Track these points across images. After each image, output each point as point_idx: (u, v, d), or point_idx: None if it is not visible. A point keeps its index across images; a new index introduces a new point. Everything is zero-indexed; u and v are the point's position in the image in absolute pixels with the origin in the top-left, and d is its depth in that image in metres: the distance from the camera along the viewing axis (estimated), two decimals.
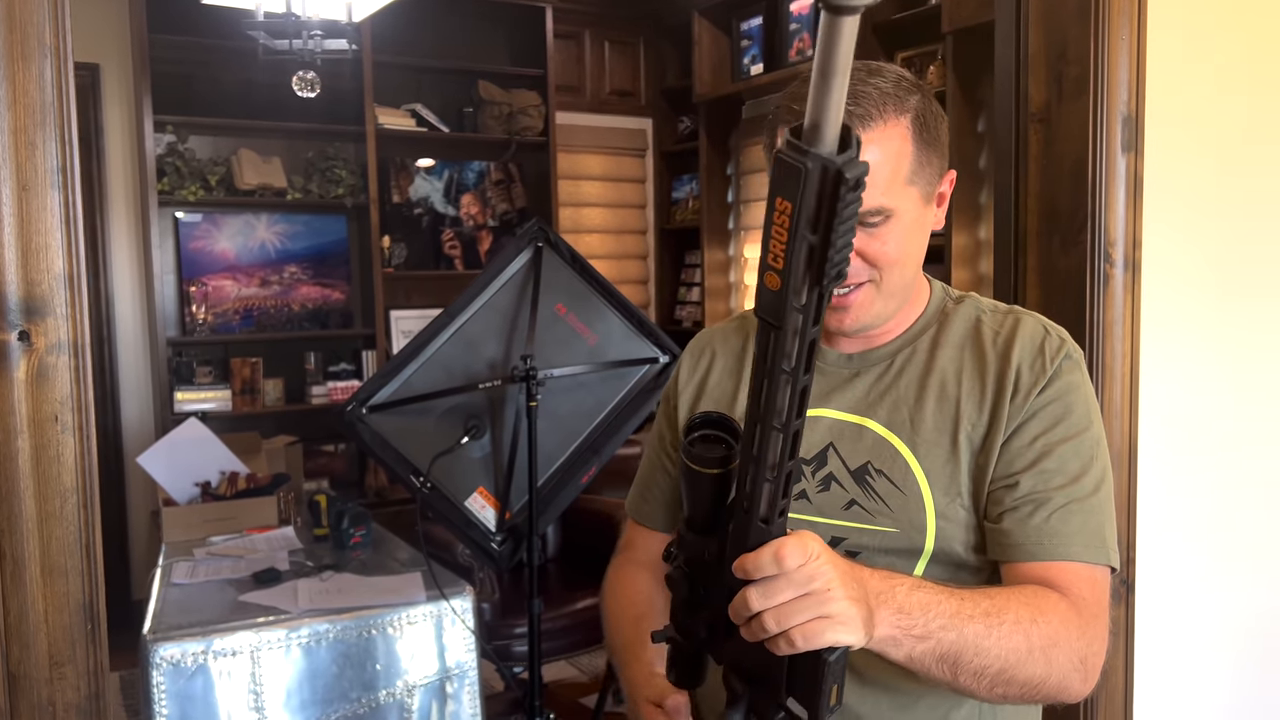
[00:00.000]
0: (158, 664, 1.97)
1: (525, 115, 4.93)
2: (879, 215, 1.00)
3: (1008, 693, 0.91)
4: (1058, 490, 0.98)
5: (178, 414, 4.05)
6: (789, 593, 0.74)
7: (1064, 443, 1.00)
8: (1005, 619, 0.90)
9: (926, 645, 0.85)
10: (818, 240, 0.64)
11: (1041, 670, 0.91)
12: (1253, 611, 1.92)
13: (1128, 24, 1.62)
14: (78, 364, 1.11)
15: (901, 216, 1.01)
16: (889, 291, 1.04)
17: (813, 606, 0.74)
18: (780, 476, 0.72)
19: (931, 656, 0.86)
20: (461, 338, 2.43)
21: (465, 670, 2.23)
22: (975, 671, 0.88)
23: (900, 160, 1.00)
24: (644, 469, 1.27)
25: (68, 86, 1.11)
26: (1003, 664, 0.89)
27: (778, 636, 0.75)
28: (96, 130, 4.24)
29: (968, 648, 0.87)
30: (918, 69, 4.06)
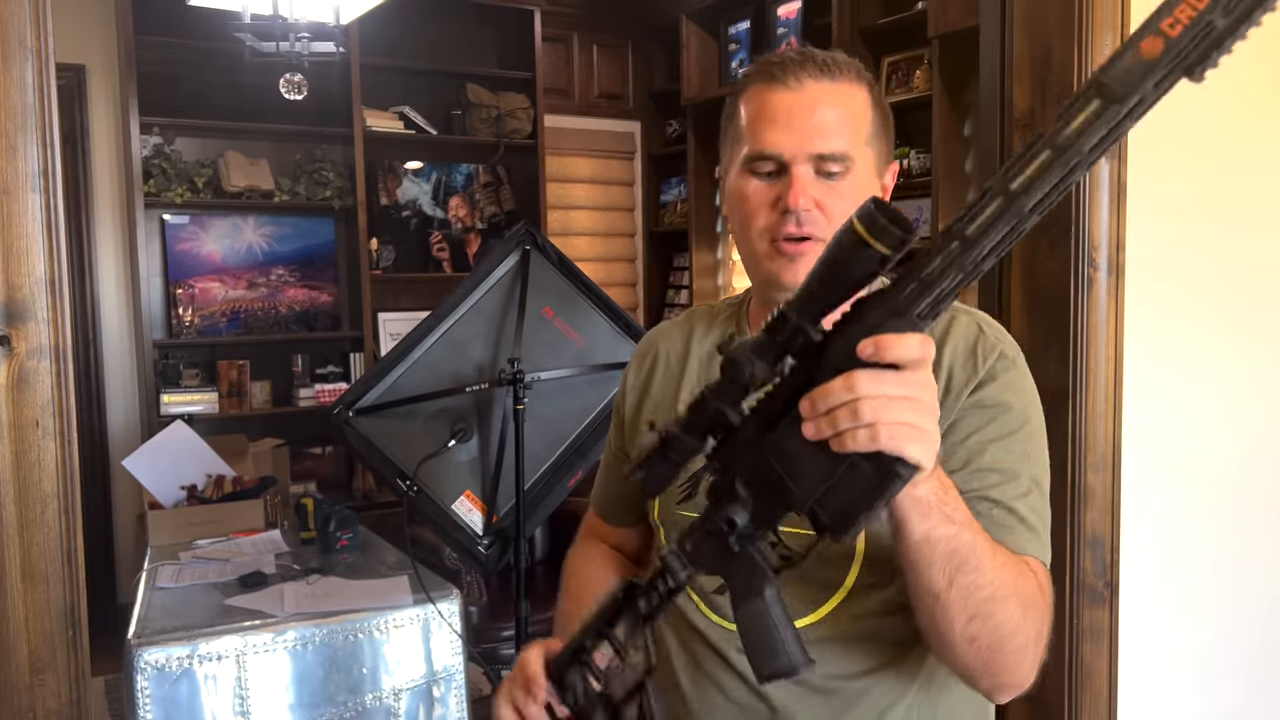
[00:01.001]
0: (142, 668, 1.96)
1: (513, 118, 4.93)
2: (841, 163, 1.01)
3: (980, 631, 0.89)
4: (994, 488, 0.97)
5: (164, 416, 4.03)
6: (902, 389, 0.72)
7: (998, 441, 0.99)
8: (1000, 553, 0.89)
9: (947, 531, 0.84)
10: (1226, 25, 0.63)
11: (1017, 618, 0.90)
12: (1238, 615, 1.93)
13: (1111, 32, 1.63)
14: (59, 369, 1.10)
15: (858, 175, 1.03)
16: None
17: (913, 412, 0.72)
18: (952, 287, 0.71)
19: (946, 547, 0.84)
20: (449, 341, 2.43)
21: (452, 673, 2.23)
22: (968, 587, 0.86)
23: (861, 118, 1.04)
24: (604, 473, 1.29)
25: (49, 89, 1.10)
26: (992, 590, 0.87)
27: (859, 429, 0.72)
28: (82, 131, 4.22)
29: (972, 557, 0.85)
30: (905, 73, 4.08)
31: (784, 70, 1.02)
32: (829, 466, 0.75)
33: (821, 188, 1.01)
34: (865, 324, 0.73)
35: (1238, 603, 1.93)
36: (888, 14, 4.08)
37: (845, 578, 1.01)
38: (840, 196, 1.01)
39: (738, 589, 0.85)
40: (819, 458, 0.76)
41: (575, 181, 5.50)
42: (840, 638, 1.02)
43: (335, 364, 4.63)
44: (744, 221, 1.05)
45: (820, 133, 1.00)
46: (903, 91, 4.05)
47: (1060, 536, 1.70)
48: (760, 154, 1.02)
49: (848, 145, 1.01)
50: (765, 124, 1.02)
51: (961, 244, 0.69)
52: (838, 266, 0.73)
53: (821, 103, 1.01)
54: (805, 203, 0.99)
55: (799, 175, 1.00)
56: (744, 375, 0.76)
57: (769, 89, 1.03)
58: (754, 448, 0.79)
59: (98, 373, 4.31)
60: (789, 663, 0.84)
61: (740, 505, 0.80)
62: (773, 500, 0.80)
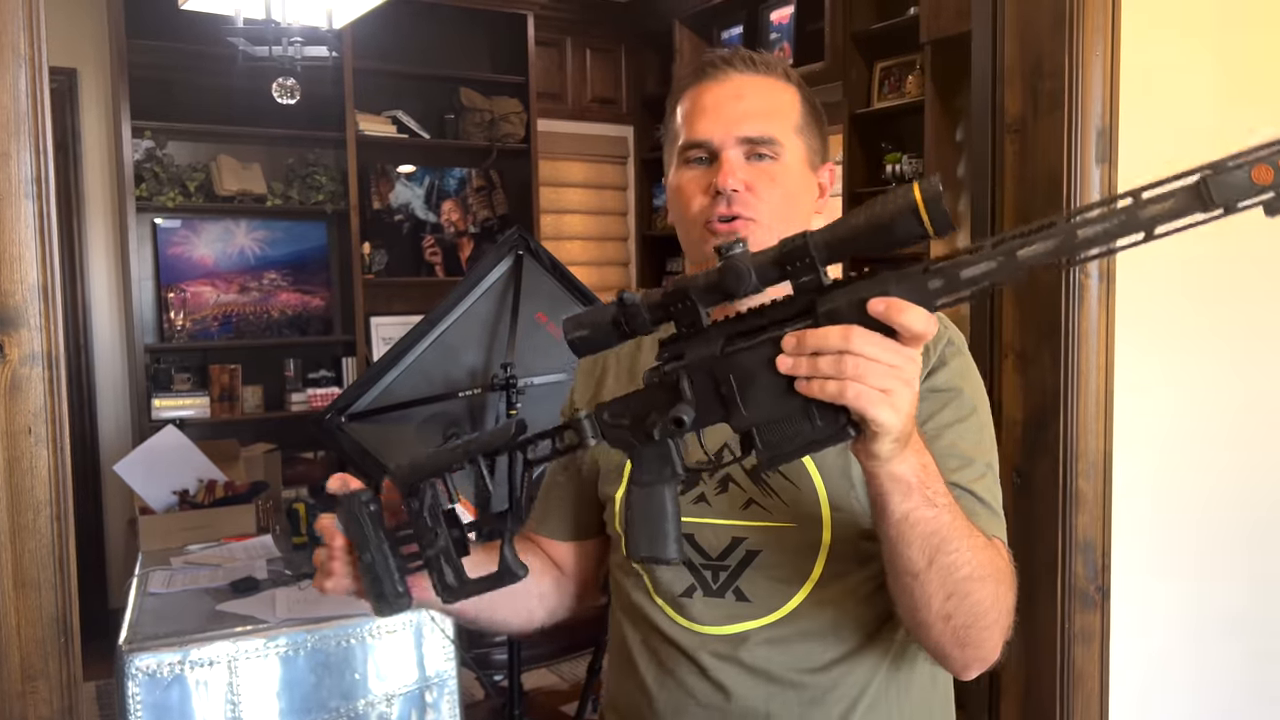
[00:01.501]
0: (133, 674, 1.95)
1: (506, 122, 4.93)
2: (769, 146, 1.04)
3: (956, 609, 0.90)
4: (954, 472, 0.99)
5: (155, 421, 4.02)
6: (891, 357, 0.74)
7: (953, 425, 1.01)
8: (976, 534, 0.91)
9: (928, 513, 0.85)
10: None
11: (991, 596, 0.92)
12: (1228, 617, 1.94)
13: (1102, 38, 1.64)
14: (51, 375, 1.10)
15: (789, 162, 1.05)
16: (770, 236, 1.02)
17: (894, 380, 0.74)
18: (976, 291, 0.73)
19: (926, 528, 0.85)
20: (442, 345, 2.43)
21: (445, 679, 2.22)
22: (947, 567, 0.88)
23: (789, 108, 1.07)
24: (543, 490, 1.25)
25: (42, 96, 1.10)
26: (970, 570, 0.89)
27: (832, 381, 0.74)
28: (74, 136, 4.21)
29: (952, 537, 0.87)
30: (897, 78, 4.09)
31: (712, 66, 1.08)
32: (783, 400, 0.78)
33: (752, 170, 1.03)
34: (878, 286, 0.75)
35: (1227, 606, 1.94)
36: (880, 19, 4.09)
37: (812, 569, 1.02)
38: (771, 179, 1.04)
39: (643, 472, 0.86)
40: (775, 388, 0.78)
41: (568, 186, 5.50)
42: (810, 631, 1.03)
43: (327, 368, 4.62)
44: (680, 210, 1.08)
45: (747, 117, 1.04)
46: (895, 97, 4.06)
47: (1052, 541, 1.71)
48: (692, 142, 1.05)
49: (774, 130, 1.04)
50: (696, 115, 1.06)
51: (1007, 259, 0.71)
52: (879, 222, 0.74)
53: (747, 90, 1.06)
54: (734, 183, 1.02)
55: (728, 159, 1.03)
56: (736, 284, 0.77)
57: (699, 85, 1.08)
58: (713, 354, 0.80)
59: (89, 377, 4.30)
60: (665, 551, 0.86)
61: (687, 405, 0.81)
62: (714, 410, 0.81)
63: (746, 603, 1.04)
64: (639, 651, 1.11)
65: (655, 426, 0.84)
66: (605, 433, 0.86)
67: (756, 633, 1.03)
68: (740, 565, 1.04)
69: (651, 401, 0.84)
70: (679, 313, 0.81)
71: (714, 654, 1.04)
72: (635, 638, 1.12)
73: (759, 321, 0.80)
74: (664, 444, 0.85)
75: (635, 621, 1.11)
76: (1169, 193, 0.68)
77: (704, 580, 1.05)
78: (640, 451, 0.86)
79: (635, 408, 0.85)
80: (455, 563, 0.91)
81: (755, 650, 1.03)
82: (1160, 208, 0.68)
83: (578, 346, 0.84)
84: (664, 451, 0.85)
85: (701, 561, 1.05)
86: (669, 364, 0.83)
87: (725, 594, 1.04)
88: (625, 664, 1.13)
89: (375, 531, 0.91)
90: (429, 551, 0.90)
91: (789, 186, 1.05)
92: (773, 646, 1.03)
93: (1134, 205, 0.68)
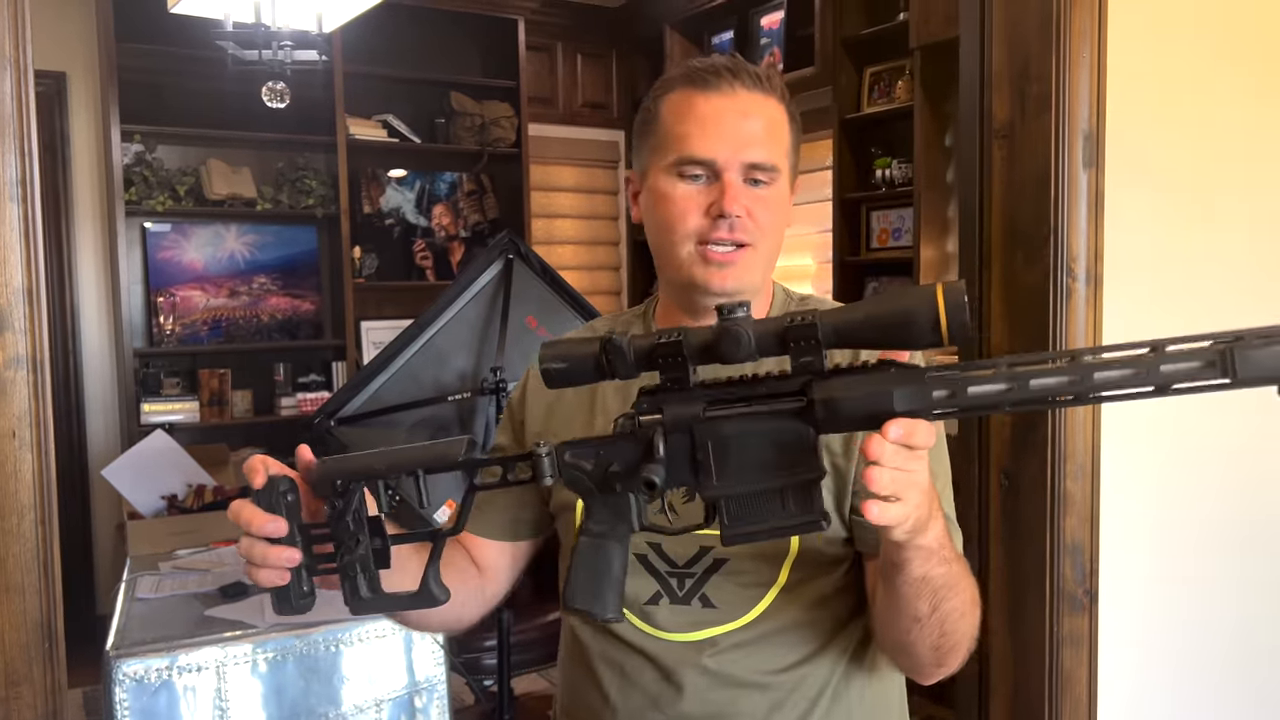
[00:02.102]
0: (121, 680, 1.94)
1: (497, 126, 4.93)
2: (769, 173, 1.02)
3: (943, 642, 0.93)
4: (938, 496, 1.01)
5: (144, 426, 4.01)
6: (909, 464, 0.74)
7: None
8: (966, 570, 0.93)
9: (942, 570, 0.87)
10: None
11: (970, 625, 0.95)
12: (1216, 621, 1.94)
13: (1088, 43, 1.65)
14: (36, 379, 1.10)
15: (782, 188, 1.04)
16: (763, 261, 1.05)
17: (918, 493, 0.76)
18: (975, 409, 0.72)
19: (938, 582, 0.87)
20: (431, 349, 2.42)
21: (434, 684, 2.22)
22: (947, 612, 0.90)
23: (782, 131, 1.05)
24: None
25: (28, 98, 1.10)
26: (962, 609, 0.92)
27: (880, 497, 0.74)
28: (62, 139, 4.19)
29: (955, 585, 0.89)
30: (886, 84, 4.10)
31: (718, 77, 1.03)
32: (759, 477, 0.76)
33: (750, 196, 1.01)
34: (879, 385, 0.73)
35: (1215, 610, 1.94)
36: (870, 25, 4.10)
37: (778, 575, 1.03)
38: (767, 206, 1.02)
39: (595, 521, 0.84)
40: (754, 463, 0.76)
41: (559, 190, 5.50)
42: (774, 633, 1.03)
43: (317, 373, 4.61)
44: (668, 223, 1.03)
45: (754, 142, 1.01)
46: (885, 102, 4.07)
47: (1040, 544, 1.71)
48: (693, 158, 1.01)
49: (776, 157, 1.03)
50: (697, 128, 1.02)
51: (1019, 386, 0.70)
52: (893, 320, 0.72)
53: (753, 110, 1.02)
54: (738, 209, 1.00)
55: (732, 182, 1.01)
56: (732, 350, 0.75)
57: (701, 94, 1.03)
58: (695, 415, 0.78)
59: (77, 381, 4.28)
60: (602, 610, 0.85)
61: (659, 466, 0.77)
62: (683, 473, 0.79)
63: (713, 609, 1.03)
64: (599, 660, 1.09)
65: (619, 479, 0.81)
66: (563, 472, 0.83)
67: (724, 638, 1.03)
68: (706, 572, 1.04)
69: (619, 452, 0.81)
70: (666, 366, 0.78)
71: (680, 660, 1.04)
72: (595, 647, 1.10)
73: (748, 392, 0.78)
74: (624, 497, 0.82)
75: (597, 631, 1.09)
76: (1191, 353, 0.68)
77: (670, 588, 1.05)
78: (597, 499, 0.83)
79: (600, 454, 0.82)
80: (372, 573, 0.86)
81: (722, 655, 1.03)
82: (1179, 368, 0.68)
83: (552, 377, 0.80)
84: (622, 505, 0.83)
85: (667, 569, 1.05)
86: (645, 415, 0.80)
87: (691, 601, 1.04)
88: (583, 673, 1.11)
89: (289, 523, 0.86)
90: (346, 558, 0.85)
91: (782, 213, 1.05)
92: (739, 650, 1.03)
93: (1154, 358, 0.68)
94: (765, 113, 1.03)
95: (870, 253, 4.20)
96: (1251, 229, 1.91)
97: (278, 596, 0.87)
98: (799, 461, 0.76)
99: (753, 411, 0.77)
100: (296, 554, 0.85)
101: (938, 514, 0.84)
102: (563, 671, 1.18)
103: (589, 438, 0.84)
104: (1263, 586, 1.99)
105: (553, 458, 0.83)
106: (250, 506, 0.86)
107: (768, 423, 0.76)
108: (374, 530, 0.86)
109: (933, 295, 0.70)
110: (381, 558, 0.86)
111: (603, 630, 1.08)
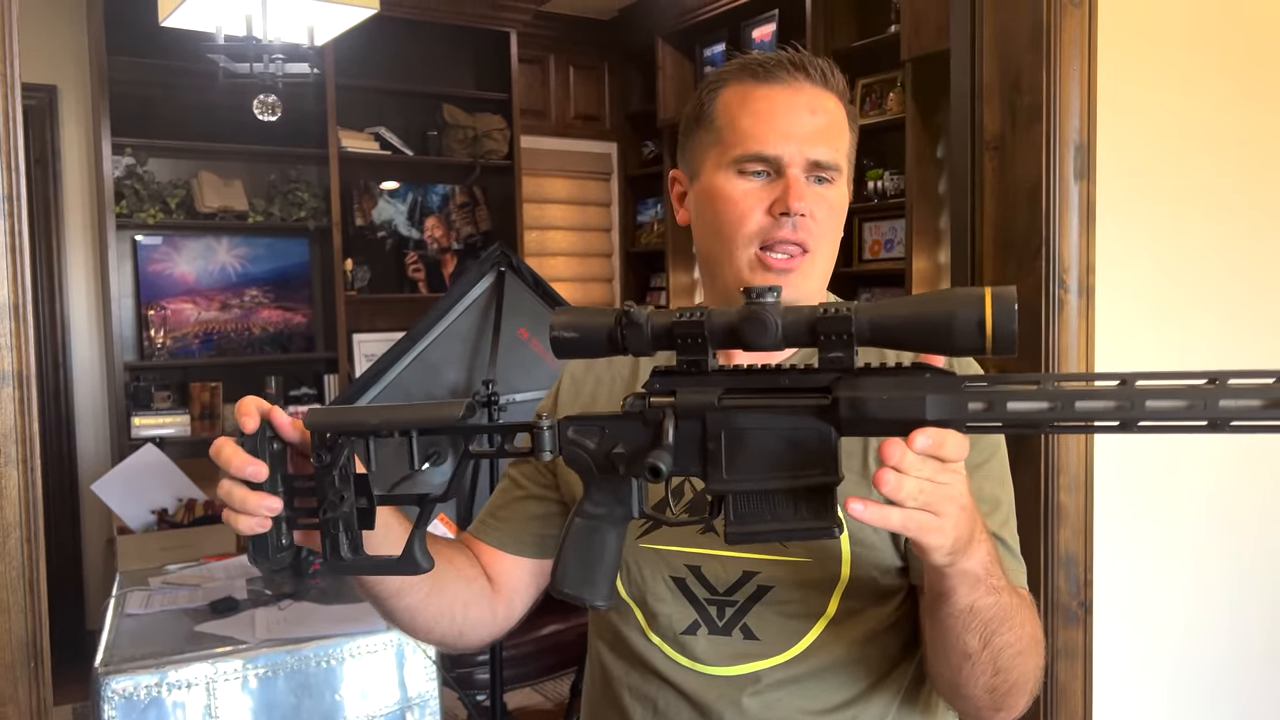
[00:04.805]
0: (109, 697, 1.92)
1: (490, 139, 4.93)
2: (832, 171, 0.97)
3: (1000, 683, 0.87)
4: (985, 517, 0.93)
5: (135, 439, 3.98)
6: (941, 476, 0.70)
7: (979, 467, 0.96)
8: (1024, 607, 0.88)
9: (990, 600, 0.81)
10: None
11: (1032, 666, 0.89)
12: (1210, 632, 1.94)
13: (1078, 54, 1.65)
14: (23, 395, 1.09)
15: (841, 188, 1.00)
16: (820, 271, 1.00)
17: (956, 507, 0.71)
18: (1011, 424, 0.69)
19: (988, 613, 0.82)
20: (423, 363, 2.41)
21: (426, 699, 2.20)
22: (1000, 647, 0.84)
23: (844, 130, 1.00)
24: (497, 497, 1.13)
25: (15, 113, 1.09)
26: (1019, 647, 0.86)
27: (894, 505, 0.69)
28: (54, 152, 4.18)
29: (1007, 619, 0.84)
30: (878, 95, 4.11)
31: (780, 68, 0.98)
32: (771, 475, 0.72)
33: (812, 194, 0.96)
34: (911, 390, 0.69)
35: (1209, 621, 1.94)
36: (861, 37, 4.12)
37: (827, 606, 0.96)
38: (829, 207, 0.97)
39: (593, 504, 0.80)
40: (767, 460, 0.72)
41: (552, 202, 5.51)
42: (824, 670, 0.97)
43: (309, 385, 4.59)
44: (731, 224, 0.97)
45: (821, 138, 0.96)
46: (876, 114, 4.09)
47: (1034, 556, 1.71)
48: (757, 155, 0.96)
49: (839, 156, 0.98)
50: (760, 123, 0.96)
51: (1062, 405, 0.65)
52: (935, 322, 0.67)
53: (820, 106, 0.97)
54: (803, 206, 0.94)
55: (797, 179, 0.95)
56: (757, 336, 0.70)
57: (763, 86, 0.97)
58: (709, 403, 0.73)
59: (67, 395, 4.26)
60: (592, 595, 0.81)
61: (666, 452, 0.72)
62: (691, 462, 0.74)
63: (755, 641, 0.96)
64: (628, 693, 1.02)
65: (622, 461, 0.77)
66: (564, 449, 0.79)
67: (767, 673, 0.96)
68: (749, 601, 0.96)
69: (625, 431, 0.77)
70: (685, 346, 0.73)
71: (720, 697, 0.96)
72: (624, 678, 1.03)
73: (769, 383, 0.73)
74: (626, 481, 0.78)
75: (626, 660, 1.03)
76: (1256, 390, 0.62)
77: (709, 617, 0.97)
78: (596, 480, 0.79)
79: (605, 432, 0.78)
80: (355, 533, 0.82)
81: (765, 693, 0.96)
82: (1239, 405, 0.61)
83: (561, 346, 0.75)
84: (623, 489, 0.79)
85: (707, 596, 0.97)
86: (656, 396, 0.76)
87: (732, 631, 0.97)
88: (609, 707, 1.04)
89: (273, 471, 0.81)
90: (329, 514, 0.81)
91: (840, 213, 0.99)
92: (783, 688, 0.96)
93: (1213, 390, 0.62)
94: (829, 109, 0.98)
95: (863, 264, 4.21)
96: (1244, 239, 1.92)
97: (254, 545, 0.83)
98: (817, 463, 0.71)
99: (772, 404, 0.72)
100: (278, 502, 0.81)
101: (983, 538, 0.79)
102: (588, 701, 1.11)
103: (594, 414, 0.79)
104: (1256, 598, 1.98)
105: (554, 431, 0.78)
106: (232, 445, 0.81)
107: (787, 418, 0.71)
108: (360, 489, 0.83)
109: (980, 300, 0.65)
110: (366, 518, 0.83)
111: (637, 661, 1.01)
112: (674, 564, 0.98)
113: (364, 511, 0.83)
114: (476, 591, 1.05)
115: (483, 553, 1.08)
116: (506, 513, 1.10)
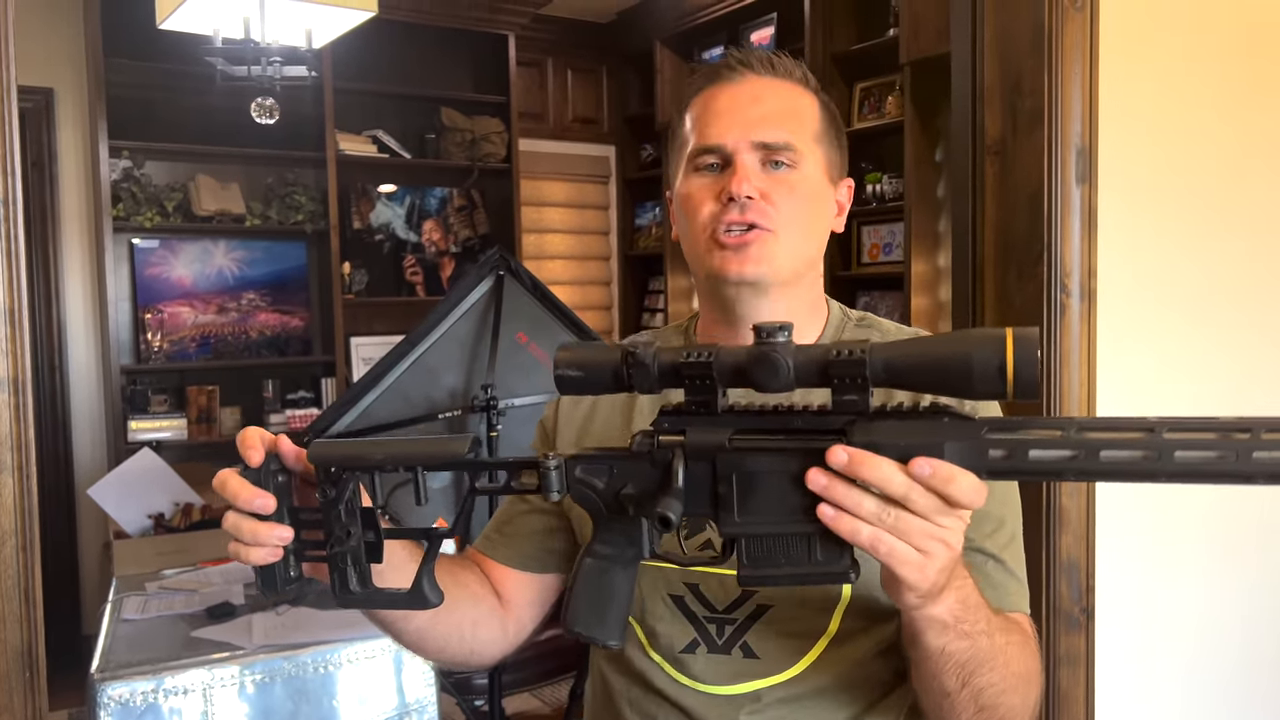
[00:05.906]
0: (105, 704, 1.91)
1: (488, 142, 4.93)
2: (786, 153, 0.97)
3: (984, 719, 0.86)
4: (986, 539, 0.94)
5: (131, 443, 3.97)
6: (938, 518, 0.68)
7: None
8: (1012, 638, 0.86)
9: (964, 644, 0.80)
10: None
11: (1020, 701, 0.88)
12: (1213, 637, 1.93)
13: (1080, 57, 1.65)
14: (18, 401, 1.08)
15: (807, 171, 0.98)
16: (786, 250, 0.97)
17: (933, 543, 0.68)
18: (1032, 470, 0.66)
19: (960, 658, 0.81)
20: (421, 366, 2.40)
21: (424, 705, 2.19)
22: (979, 686, 0.83)
23: (807, 115, 1.00)
24: (502, 512, 1.12)
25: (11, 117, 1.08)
26: (1002, 685, 0.85)
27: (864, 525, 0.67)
28: (50, 155, 4.17)
29: (986, 660, 0.83)
30: (877, 99, 4.11)
31: (727, 68, 1.01)
32: (785, 519, 0.70)
33: (768, 179, 0.96)
34: (929, 435, 0.67)
35: (1213, 627, 1.93)
36: (860, 40, 4.12)
37: (828, 624, 0.95)
38: (790, 189, 0.96)
39: (602, 544, 0.79)
40: (781, 503, 0.70)
41: (550, 205, 5.50)
42: (824, 689, 0.96)
43: (307, 389, 4.58)
44: (689, 217, 0.99)
45: (763, 121, 0.97)
46: (875, 117, 4.08)
47: (1036, 562, 1.70)
48: (704, 147, 0.98)
49: (792, 136, 0.97)
50: (709, 118, 0.98)
51: (1087, 454, 0.63)
52: (953, 364, 0.65)
53: (764, 93, 0.99)
54: (748, 189, 0.94)
55: (743, 163, 0.95)
56: (769, 378, 0.68)
57: (712, 88, 1.01)
58: (720, 444, 0.72)
59: (64, 399, 4.24)
60: (605, 636, 0.80)
61: (676, 499, 0.71)
62: (702, 504, 0.73)
63: (755, 660, 0.95)
64: (628, 708, 1.02)
65: (631, 502, 0.75)
66: (572, 488, 0.77)
67: (767, 692, 0.95)
68: (749, 619, 0.96)
69: (633, 472, 0.75)
70: (692, 387, 0.71)
71: (719, 716, 0.96)
72: (624, 692, 1.02)
73: (781, 424, 0.71)
74: (636, 521, 0.77)
75: (627, 676, 1.02)
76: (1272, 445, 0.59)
77: (708, 635, 0.97)
78: (605, 520, 0.78)
79: (613, 472, 0.76)
80: (363, 566, 0.82)
81: (765, 712, 0.95)
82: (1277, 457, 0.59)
83: (565, 384, 0.74)
84: (633, 529, 0.78)
85: (706, 615, 0.97)
86: (665, 435, 0.74)
87: (731, 650, 0.96)
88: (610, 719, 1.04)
89: (280, 503, 0.81)
90: (336, 548, 0.81)
91: (807, 197, 0.98)
92: (784, 706, 0.95)
93: (1248, 441, 0.60)
94: (778, 94, 0.99)
95: (861, 267, 4.21)
96: (1246, 243, 1.91)
97: (263, 577, 0.82)
98: None
99: (784, 447, 0.70)
100: (289, 531, 0.81)
101: (958, 586, 0.77)
102: (590, 711, 1.11)
103: (602, 451, 0.78)
104: (1261, 602, 1.98)
105: (561, 471, 0.77)
106: (237, 478, 0.81)
107: (801, 462, 0.69)
108: (367, 523, 0.82)
109: (1001, 342, 0.63)
110: (374, 551, 0.82)
111: (637, 678, 1.01)
112: (672, 582, 0.98)
113: (372, 545, 0.82)
114: (485, 610, 1.05)
115: (490, 569, 1.08)
116: (512, 528, 1.09)
